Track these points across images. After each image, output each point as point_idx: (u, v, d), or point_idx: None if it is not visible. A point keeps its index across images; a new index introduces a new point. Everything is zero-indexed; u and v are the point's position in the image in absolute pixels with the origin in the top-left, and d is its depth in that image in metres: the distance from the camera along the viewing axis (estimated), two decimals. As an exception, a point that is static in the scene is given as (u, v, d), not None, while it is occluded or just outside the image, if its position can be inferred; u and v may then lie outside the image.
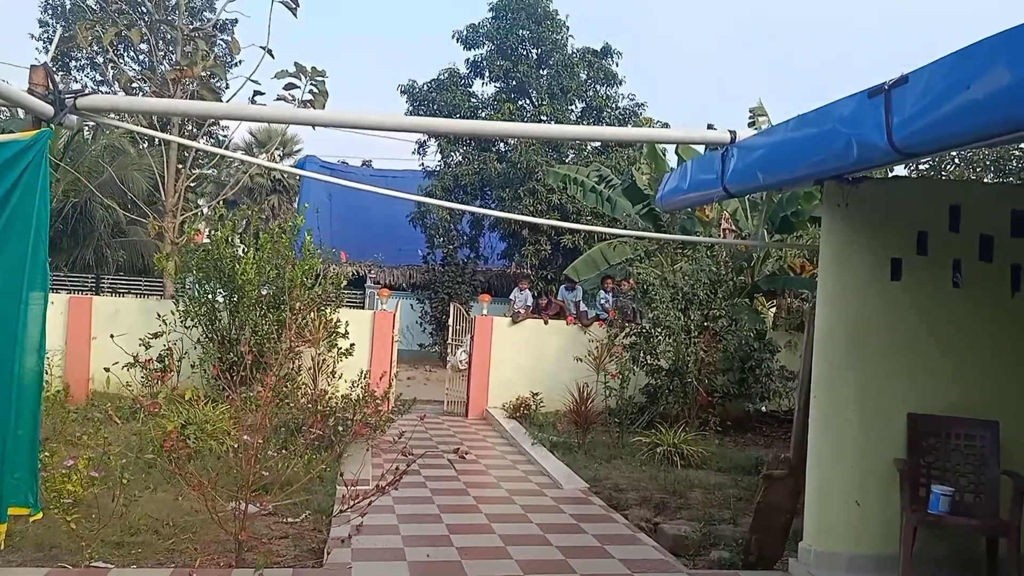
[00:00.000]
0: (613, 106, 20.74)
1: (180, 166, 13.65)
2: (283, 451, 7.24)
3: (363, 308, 18.86)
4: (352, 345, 11.51)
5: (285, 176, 39.02)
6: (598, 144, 20.73)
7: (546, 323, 12.70)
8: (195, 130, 23.89)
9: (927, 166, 12.46)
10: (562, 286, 13.80)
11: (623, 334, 11.34)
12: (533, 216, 18.63)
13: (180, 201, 13.34)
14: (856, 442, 5.08)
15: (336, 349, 11.32)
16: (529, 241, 19.23)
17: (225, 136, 25.00)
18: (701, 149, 10.02)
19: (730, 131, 5.22)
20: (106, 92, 13.62)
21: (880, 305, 5.11)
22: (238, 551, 5.11)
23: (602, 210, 14.87)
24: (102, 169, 20.40)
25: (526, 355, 12.58)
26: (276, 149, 45.22)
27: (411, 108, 20.62)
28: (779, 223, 12.10)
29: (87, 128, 24.28)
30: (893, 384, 5.11)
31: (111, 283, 21.57)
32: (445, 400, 12.85)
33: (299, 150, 36.42)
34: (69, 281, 20.58)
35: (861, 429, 5.07)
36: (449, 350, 13.31)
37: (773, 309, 13.66)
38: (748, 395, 11.30)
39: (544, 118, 20.53)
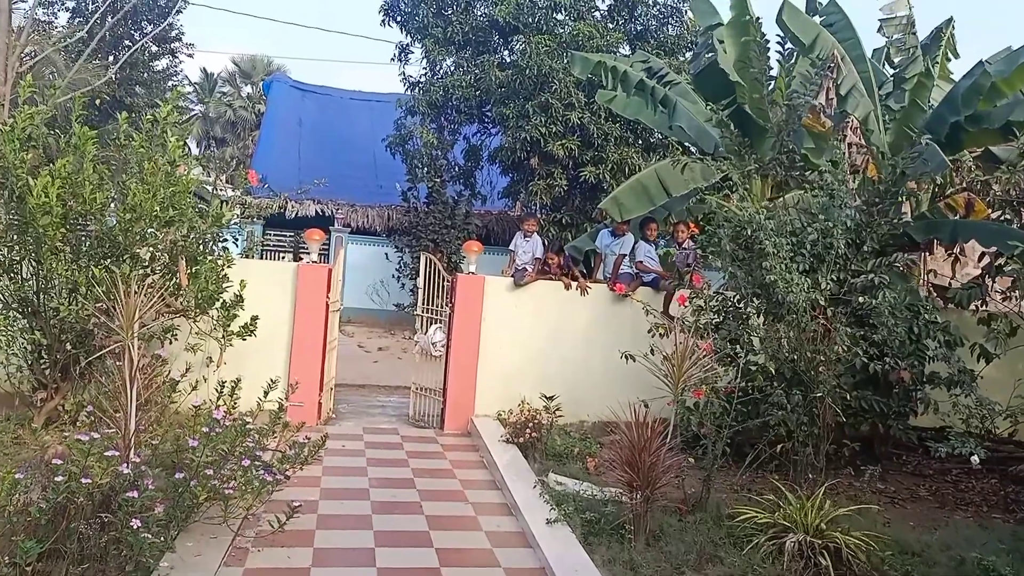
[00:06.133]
0: (649, 1, 15.81)
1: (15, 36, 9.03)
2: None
3: (328, 259, 14.38)
4: (254, 319, 7.07)
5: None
6: (629, 44, 15.80)
7: (584, 293, 8.24)
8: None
9: None
10: (605, 229, 9.08)
11: (692, 310, 6.82)
12: (546, 141, 13.93)
13: (13, 88, 8.74)
14: None
15: (224, 329, 6.90)
16: (539, 174, 14.54)
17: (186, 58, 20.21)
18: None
19: None
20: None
21: None
22: None
23: (647, 122, 10.19)
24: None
25: (536, 336, 8.19)
26: (260, 79, 40.89)
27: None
28: (946, 133, 7.51)
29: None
30: None
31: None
32: (411, 402, 8.46)
33: (283, 80, 31.65)
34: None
35: None
36: (419, 323, 8.84)
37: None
38: (886, 410, 6.87)
39: (560, 16, 15.62)
